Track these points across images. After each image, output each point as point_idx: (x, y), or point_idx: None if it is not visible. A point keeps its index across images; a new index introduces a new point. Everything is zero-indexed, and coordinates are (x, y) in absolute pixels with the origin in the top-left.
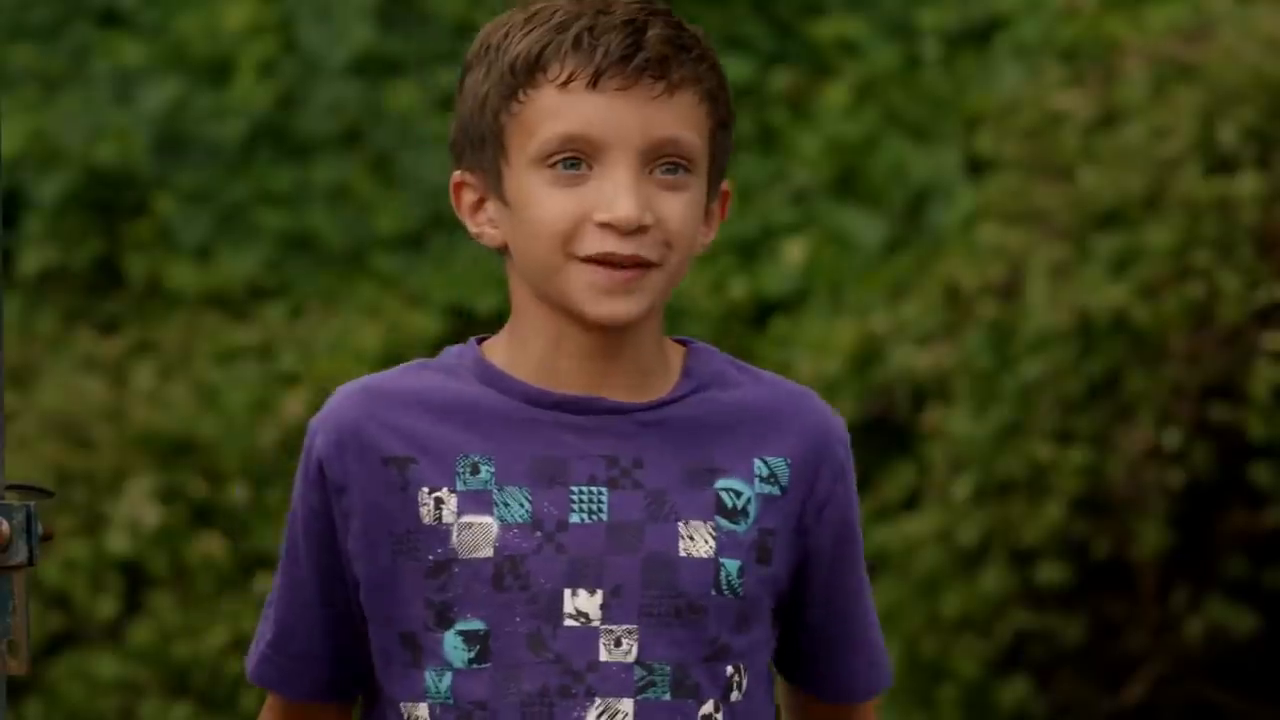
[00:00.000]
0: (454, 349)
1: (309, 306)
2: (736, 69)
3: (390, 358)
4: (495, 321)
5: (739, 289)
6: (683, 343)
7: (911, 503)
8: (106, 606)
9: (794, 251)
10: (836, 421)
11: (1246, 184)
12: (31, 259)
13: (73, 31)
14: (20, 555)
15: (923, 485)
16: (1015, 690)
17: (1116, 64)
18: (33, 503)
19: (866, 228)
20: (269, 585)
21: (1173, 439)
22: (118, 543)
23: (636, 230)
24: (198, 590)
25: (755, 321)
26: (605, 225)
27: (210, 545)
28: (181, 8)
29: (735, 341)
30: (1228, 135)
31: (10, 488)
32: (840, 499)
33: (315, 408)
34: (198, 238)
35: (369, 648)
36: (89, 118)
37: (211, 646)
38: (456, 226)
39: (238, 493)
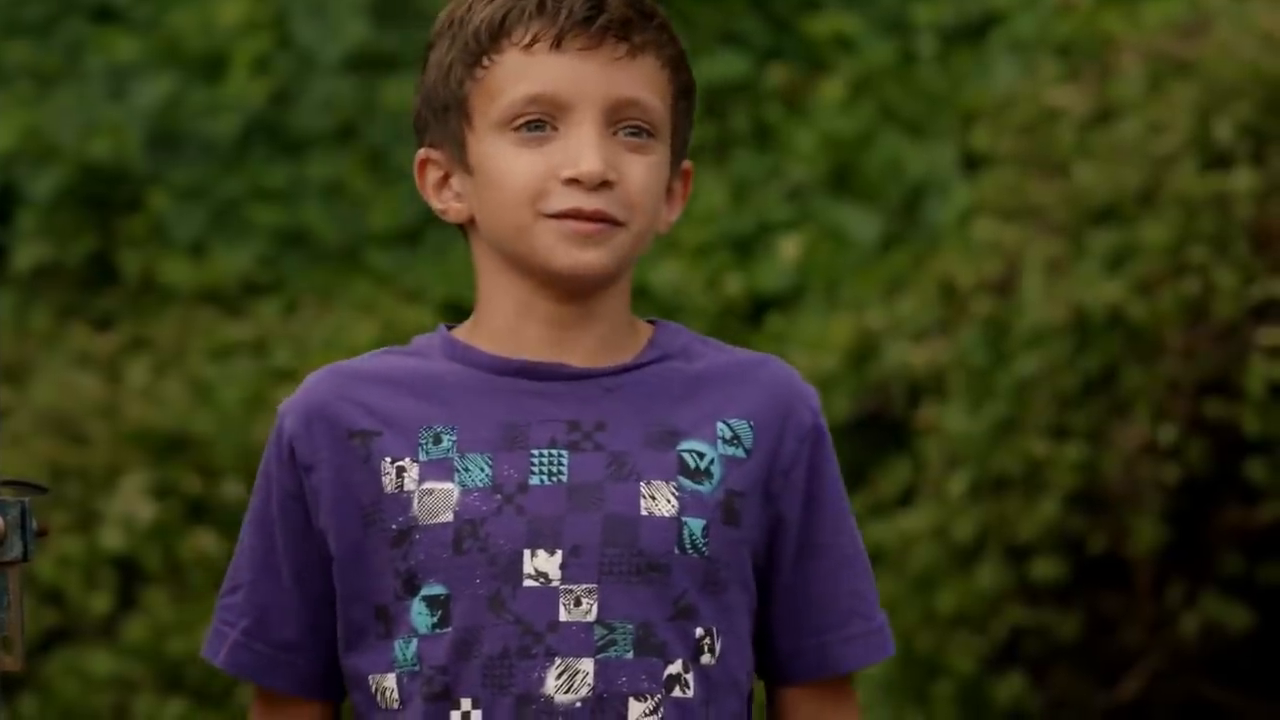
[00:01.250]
0: (422, 336)
1: (303, 302)
2: (732, 65)
3: None
4: None
5: (734, 285)
6: (653, 322)
7: (907, 499)
8: (100, 603)
9: (789, 248)
10: (803, 386)
11: (1242, 180)
12: (25, 255)
13: (66, 27)
14: (15, 551)
15: (918, 481)
16: (1011, 686)
17: (1112, 60)
18: (27, 499)
19: (862, 224)
20: None
21: (1168, 435)
22: (112, 539)
23: (602, 186)
24: (192, 586)
25: (751, 318)
26: (571, 181)
27: (204, 541)
28: (175, 4)
29: (731, 338)
30: (1223, 131)
31: (4, 484)
32: (809, 461)
33: None
34: (192, 234)
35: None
36: (83, 114)
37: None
38: (450, 222)
39: (232, 489)
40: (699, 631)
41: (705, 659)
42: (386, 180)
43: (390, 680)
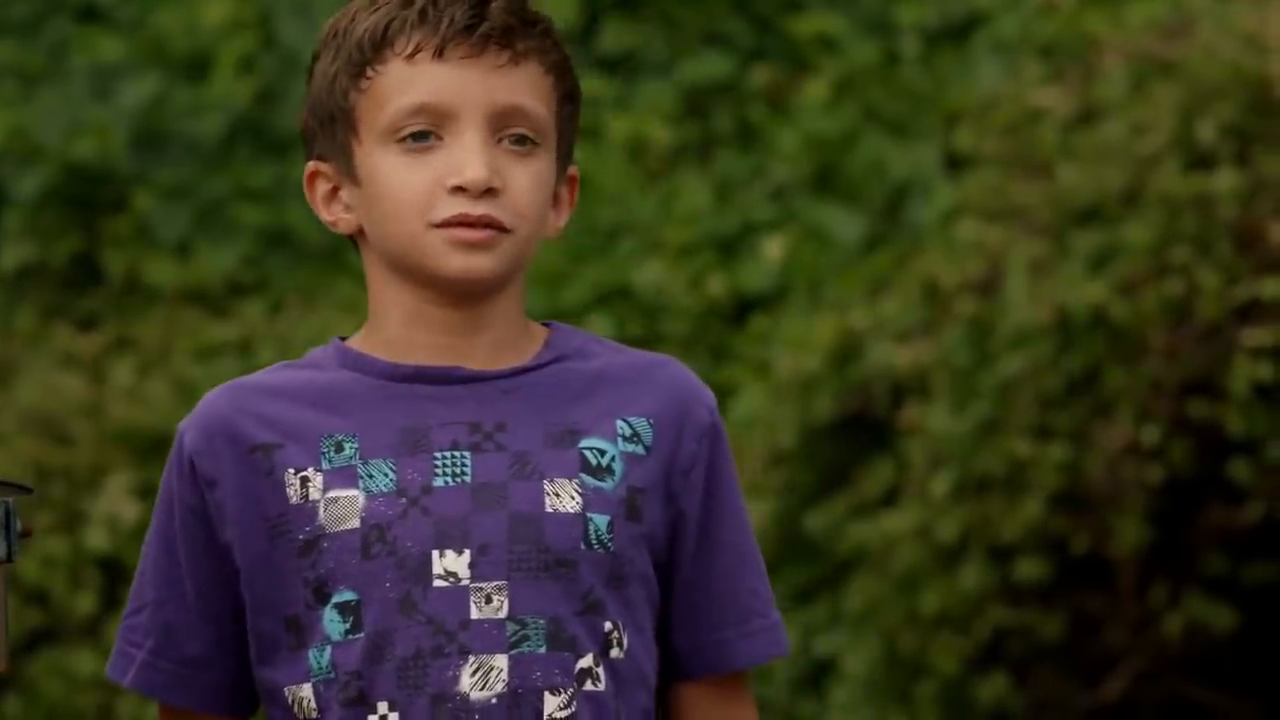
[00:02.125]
0: (316, 349)
1: (288, 302)
2: (716, 65)
3: None
4: None
5: (718, 286)
6: (548, 325)
7: (890, 499)
8: (85, 603)
9: (773, 248)
10: (701, 387)
11: (1225, 180)
12: (10, 255)
13: (51, 27)
14: None
15: (901, 482)
16: (994, 687)
17: (1095, 61)
18: (11, 499)
19: (845, 224)
20: None
21: (1151, 435)
22: (96, 539)
23: (487, 193)
24: None
25: (734, 318)
26: (457, 190)
27: None
28: (160, 4)
29: (714, 338)
30: (1206, 132)
31: None
32: (706, 461)
33: None
34: (177, 234)
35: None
36: (68, 114)
37: None
38: None
39: None
40: (607, 626)
41: (614, 653)
42: None
43: (306, 690)
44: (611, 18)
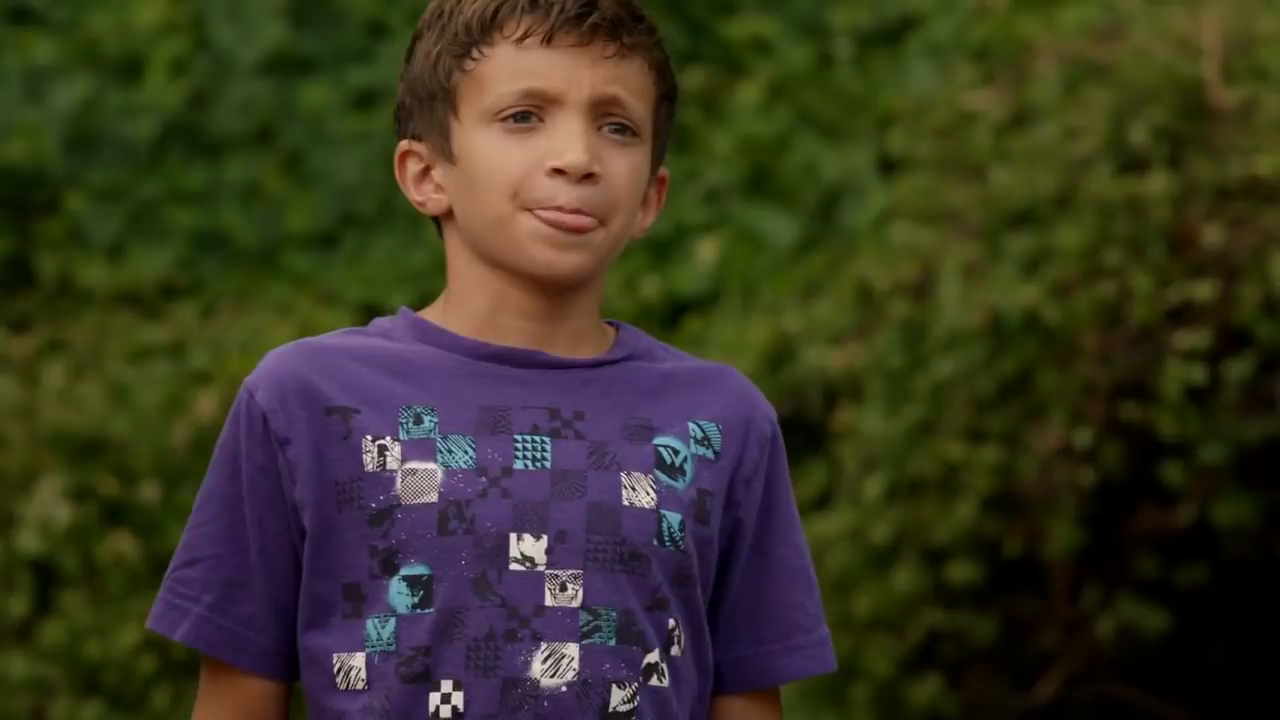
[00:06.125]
0: (382, 319)
1: (221, 305)
2: None
3: None
4: None
5: (651, 288)
6: (613, 324)
7: (823, 502)
8: (17, 605)
9: (706, 250)
10: (762, 397)
11: (1157, 183)
12: None
13: None
14: None
15: (834, 484)
16: (927, 689)
17: (1028, 64)
18: None
19: (779, 227)
20: None
21: (1084, 438)
22: (28, 542)
23: (586, 179)
24: (109, 589)
25: (668, 320)
26: (556, 172)
27: (121, 544)
28: (93, 6)
29: None
30: (1139, 135)
31: None
32: (766, 472)
33: (227, 406)
34: (109, 236)
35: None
36: (0, 115)
37: (122, 646)
38: (368, 225)
39: (149, 492)
40: (670, 623)
41: (674, 650)
42: (304, 183)
43: (359, 659)
44: None
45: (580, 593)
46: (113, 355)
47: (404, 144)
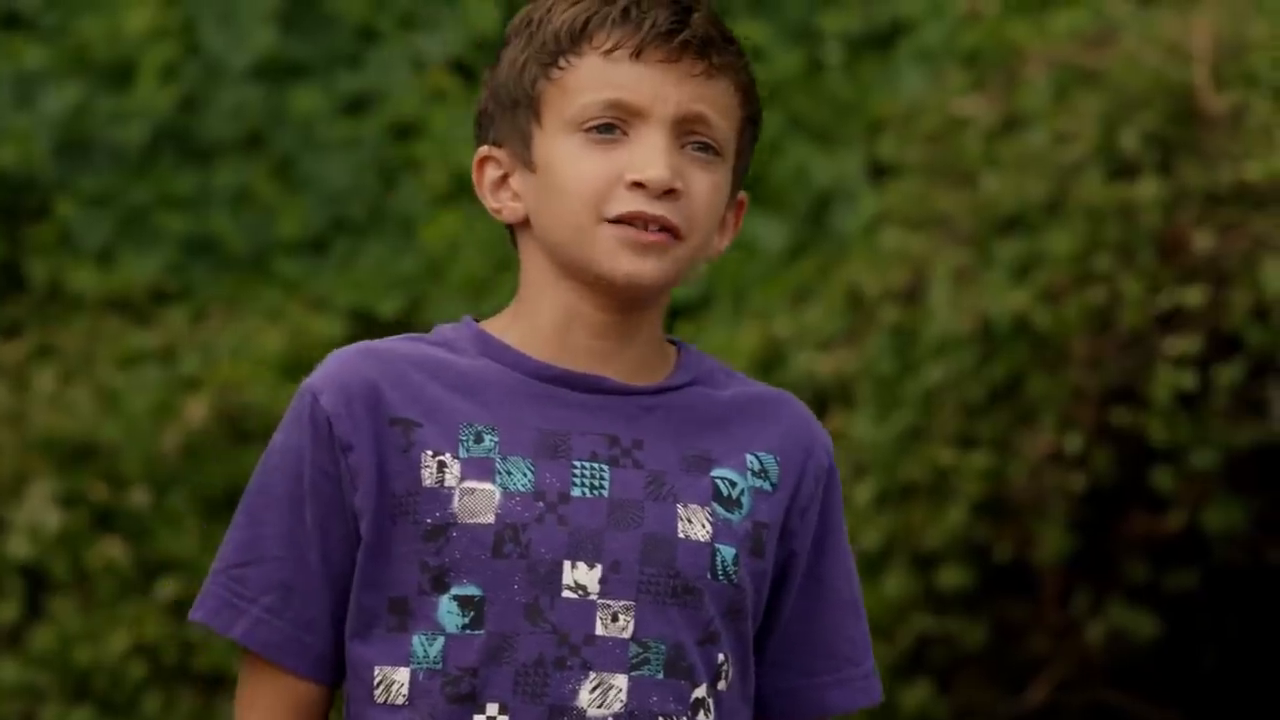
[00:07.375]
0: (446, 327)
1: (211, 310)
2: None
3: (293, 362)
4: (397, 326)
5: None
6: (674, 343)
7: None
8: (7, 611)
9: None
10: (820, 428)
11: (1148, 189)
12: None
13: None
14: None
15: None
16: (917, 694)
17: (1018, 69)
18: None
19: (769, 232)
20: (171, 590)
21: (1074, 443)
22: (18, 547)
23: (666, 195)
24: (99, 595)
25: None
26: (636, 185)
27: (112, 550)
28: (83, 11)
29: None
30: (1129, 141)
31: None
32: (823, 504)
33: (218, 411)
34: (99, 241)
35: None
36: None
37: (113, 651)
38: (359, 231)
39: (139, 497)
40: (720, 657)
41: (721, 685)
42: (294, 188)
43: (402, 674)
44: None
45: (631, 624)
46: (103, 360)
47: (483, 149)
